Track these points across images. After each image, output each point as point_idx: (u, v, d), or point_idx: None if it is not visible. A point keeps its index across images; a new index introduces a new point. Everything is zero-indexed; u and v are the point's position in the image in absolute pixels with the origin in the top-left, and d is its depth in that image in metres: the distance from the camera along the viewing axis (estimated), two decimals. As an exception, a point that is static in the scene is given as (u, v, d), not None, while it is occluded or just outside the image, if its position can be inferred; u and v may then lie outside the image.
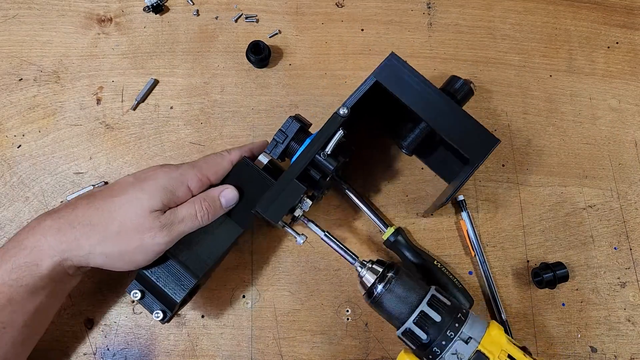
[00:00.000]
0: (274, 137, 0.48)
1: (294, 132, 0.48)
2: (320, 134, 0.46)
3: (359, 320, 0.54)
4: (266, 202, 0.45)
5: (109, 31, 0.61)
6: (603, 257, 0.57)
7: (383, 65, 0.48)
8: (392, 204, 0.57)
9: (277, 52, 0.61)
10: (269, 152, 0.49)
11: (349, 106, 0.47)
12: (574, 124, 0.61)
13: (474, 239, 0.56)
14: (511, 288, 0.56)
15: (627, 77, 0.63)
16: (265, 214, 0.44)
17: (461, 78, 0.52)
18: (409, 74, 0.48)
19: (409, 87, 0.47)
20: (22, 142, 0.57)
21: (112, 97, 0.59)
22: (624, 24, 0.65)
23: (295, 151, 0.48)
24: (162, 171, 0.45)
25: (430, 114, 0.47)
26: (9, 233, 0.54)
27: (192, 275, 0.46)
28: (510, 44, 0.63)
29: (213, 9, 0.62)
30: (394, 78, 0.48)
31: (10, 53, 0.60)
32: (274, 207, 0.45)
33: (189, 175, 0.45)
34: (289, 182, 0.45)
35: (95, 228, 0.42)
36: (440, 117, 0.47)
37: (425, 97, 0.47)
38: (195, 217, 0.45)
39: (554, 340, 0.54)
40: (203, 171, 0.46)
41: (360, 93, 0.48)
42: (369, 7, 0.63)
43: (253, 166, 0.49)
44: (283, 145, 0.48)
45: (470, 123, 0.48)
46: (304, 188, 0.45)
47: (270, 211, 0.44)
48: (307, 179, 0.47)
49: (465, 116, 0.48)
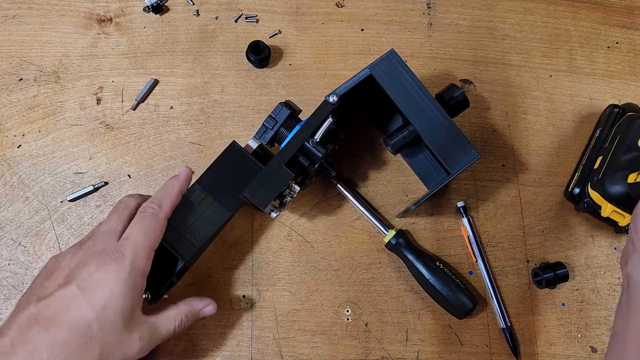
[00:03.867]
0: (263, 122, 0.49)
1: (283, 118, 0.48)
2: (309, 121, 0.47)
3: (359, 320, 0.54)
4: (254, 187, 0.45)
5: (109, 31, 0.61)
6: (603, 257, 0.57)
7: (380, 60, 0.48)
8: (392, 204, 0.57)
9: (277, 52, 0.61)
10: (259, 137, 0.49)
11: (338, 94, 0.47)
12: (574, 123, 0.61)
13: (475, 245, 0.56)
14: (511, 288, 0.56)
15: (627, 77, 0.63)
16: (253, 199, 0.45)
17: (460, 88, 0.52)
18: (405, 73, 0.48)
19: (402, 87, 0.48)
20: (22, 142, 0.57)
21: (112, 97, 0.59)
22: (624, 24, 0.65)
23: (284, 137, 0.48)
24: (105, 271, 0.39)
25: (417, 117, 0.47)
26: (8, 233, 0.54)
27: (180, 257, 0.45)
28: (510, 44, 0.63)
29: (213, 9, 0.62)
30: (389, 75, 0.48)
31: (10, 53, 0.60)
32: (262, 192, 0.45)
33: (138, 262, 0.40)
34: (278, 168, 0.45)
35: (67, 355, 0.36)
36: (427, 123, 0.47)
37: (416, 100, 0.47)
38: (174, 332, 0.44)
39: (554, 340, 0.54)
40: (147, 244, 0.41)
41: (351, 83, 0.48)
42: (369, 7, 0.63)
43: (242, 151, 0.49)
44: (272, 131, 0.49)
45: (455, 133, 0.48)
46: (292, 174, 0.45)
47: (258, 196, 0.45)
48: (295, 165, 0.47)
49: (451, 126, 0.48)
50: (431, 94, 0.48)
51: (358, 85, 0.48)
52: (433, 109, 0.48)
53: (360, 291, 0.55)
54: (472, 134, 0.60)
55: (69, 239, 0.55)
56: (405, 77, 0.48)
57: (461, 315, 0.52)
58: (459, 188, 0.58)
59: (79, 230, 0.55)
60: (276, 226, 0.56)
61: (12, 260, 0.54)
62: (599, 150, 0.56)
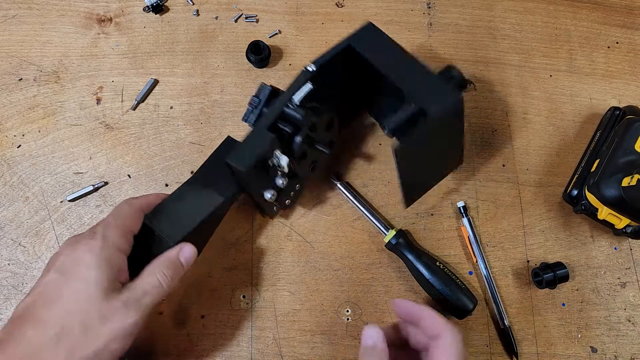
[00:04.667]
0: (248, 103, 0.49)
1: (266, 95, 0.49)
2: (289, 90, 0.47)
3: (359, 321, 0.54)
4: (236, 153, 0.45)
5: (108, 31, 0.61)
6: (603, 257, 0.57)
7: (358, 31, 0.48)
8: (392, 204, 0.57)
9: (277, 52, 0.61)
10: (245, 119, 0.49)
11: (317, 64, 0.47)
12: (574, 123, 0.61)
13: (475, 245, 0.56)
14: (511, 288, 0.56)
15: (627, 77, 0.63)
16: (234, 162, 0.44)
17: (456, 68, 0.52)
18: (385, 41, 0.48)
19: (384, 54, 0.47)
20: (22, 142, 0.57)
21: (112, 97, 0.59)
22: (624, 23, 0.65)
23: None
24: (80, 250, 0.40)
25: (404, 79, 0.46)
26: (8, 233, 0.54)
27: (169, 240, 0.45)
28: (511, 44, 0.63)
29: (213, 9, 0.62)
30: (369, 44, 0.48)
31: (10, 53, 0.60)
32: (243, 156, 0.44)
33: (110, 237, 0.41)
34: (258, 132, 0.45)
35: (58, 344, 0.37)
36: (414, 84, 0.46)
37: (400, 64, 0.47)
38: (161, 286, 0.41)
39: (554, 340, 0.54)
40: (119, 223, 0.42)
41: (330, 54, 0.48)
42: (369, 7, 0.63)
43: (236, 143, 0.49)
44: (257, 110, 0.49)
45: (432, 79, 0.47)
46: (272, 135, 0.45)
47: (239, 159, 0.44)
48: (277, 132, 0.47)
49: (437, 79, 0.47)
50: (414, 58, 0.48)
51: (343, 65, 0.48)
52: (418, 69, 0.47)
53: (361, 291, 0.55)
54: (472, 134, 0.60)
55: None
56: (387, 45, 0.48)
57: (461, 316, 0.52)
58: (459, 188, 0.58)
59: (79, 230, 0.55)
60: (276, 226, 0.56)
61: (12, 260, 0.54)
62: (597, 152, 0.56)
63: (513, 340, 0.53)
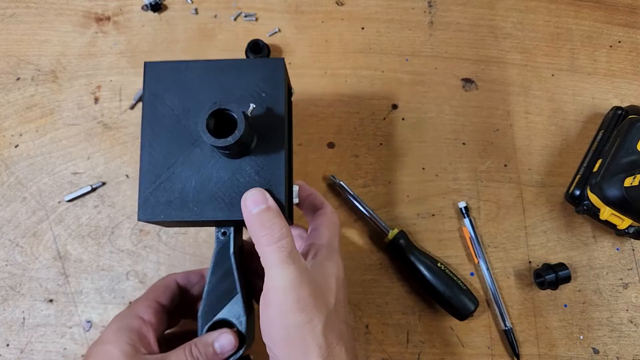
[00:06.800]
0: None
1: None
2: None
3: (360, 323, 0.53)
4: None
5: (107, 30, 0.60)
6: (605, 258, 0.57)
7: (146, 79, 0.40)
8: (392, 205, 0.57)
9: (276, 50, 0.61)
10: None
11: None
12: (576, 123, 0.61)
13: (477, 246, 0.55)
14: (513, 289, 0.55)
15: (630, 77, 0.63)
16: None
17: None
18: (185, 67, 0.40)
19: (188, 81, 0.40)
20: (20, 141, 0.57)
21: (110, 96, 0.58)
22: (627, 22, 0.64)
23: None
24: (110, 325, 0.42)
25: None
26: (5, 233, 0.54)
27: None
28: (512, 42, 0.63)
29: (212, 7, 0.62)
30: (169, 83, 0.40)
31: (8, 52, 0.59)
32: None
33: (136, 307, 0.42)
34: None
35: None
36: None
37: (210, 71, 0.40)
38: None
39: (556, 341, 0.54)
40: (150, 297, 0.44)
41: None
42: (369, 6, 0.63)
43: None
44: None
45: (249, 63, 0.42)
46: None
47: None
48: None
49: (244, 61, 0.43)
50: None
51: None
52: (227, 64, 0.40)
53: (361, 292, 0.54)
54: (473, 134, 0.59)
55: (67, 239, 0.54)
56: (187, 67, 0.40)
57: (463, 317, 0.52)
58: (460, 188, 0.58)
59: (77, 231, 0.54)
60: (276, 227, 0.55)
61: (10, 261, 0.53)
62: (600, 152, 0.56)
63: (515, 341, 0.53)
